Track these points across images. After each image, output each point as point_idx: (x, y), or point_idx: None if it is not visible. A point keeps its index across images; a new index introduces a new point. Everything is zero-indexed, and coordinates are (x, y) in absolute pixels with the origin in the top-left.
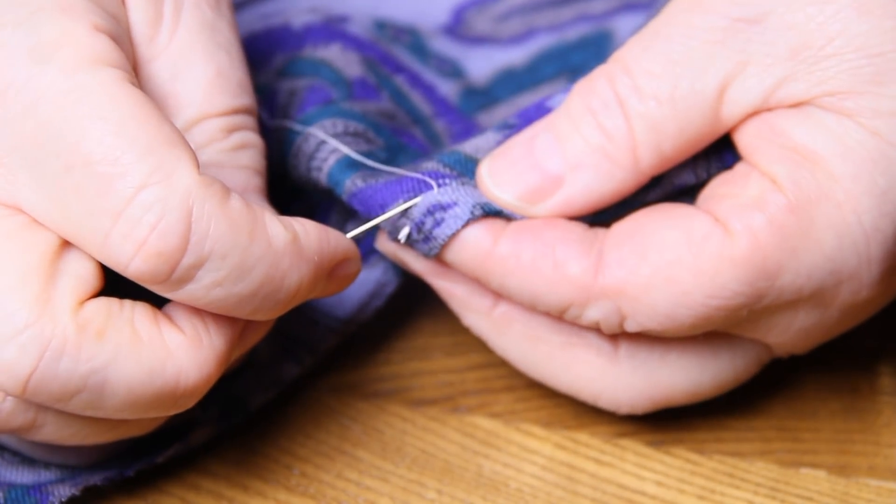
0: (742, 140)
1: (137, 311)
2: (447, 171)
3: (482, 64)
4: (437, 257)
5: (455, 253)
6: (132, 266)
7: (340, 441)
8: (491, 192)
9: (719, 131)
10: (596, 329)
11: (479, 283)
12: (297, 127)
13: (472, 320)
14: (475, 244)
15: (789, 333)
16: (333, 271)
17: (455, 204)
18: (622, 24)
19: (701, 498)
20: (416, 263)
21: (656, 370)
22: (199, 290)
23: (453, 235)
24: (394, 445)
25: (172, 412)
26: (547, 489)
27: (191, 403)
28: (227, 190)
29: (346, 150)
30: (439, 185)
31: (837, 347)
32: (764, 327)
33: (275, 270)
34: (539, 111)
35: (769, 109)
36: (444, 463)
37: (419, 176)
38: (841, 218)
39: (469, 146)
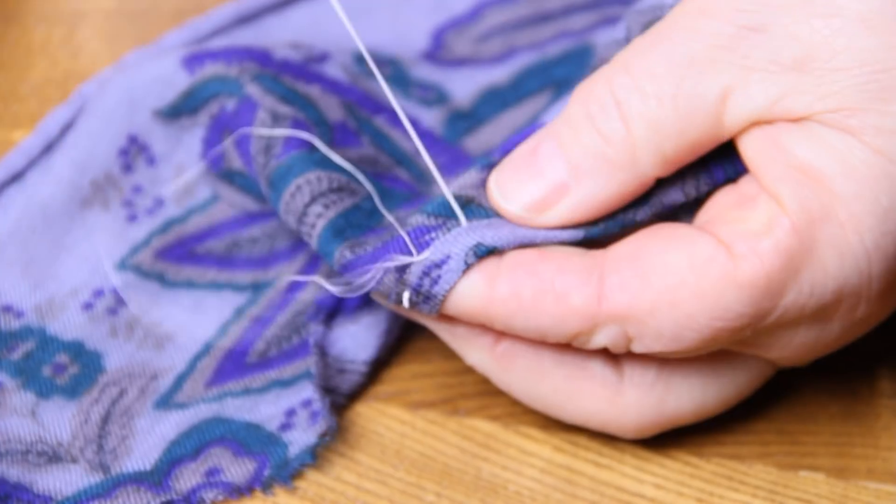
0: (746, 153)
1: None
2: (432, 221)
3: (465, 84)
4: (440, 312)
5: (455, 306)
6: None
7: (339, 444)
8: (499, 205)
9: (721, 137)
10: (601, 358)
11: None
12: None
13: (475, 359)
14: (473, 293)
15: (790, 349)
16: None
17: (448, 258)
18: (603, 38)
19: (700, 501)
20: (415, 314)
21: (661, 396)
22: None
23: (450, 290)
24: (393, 448)
25: None
26: (546, 492)
27: None
28: None
29: (332, 214)
30: (427, 244)
31: (836, 351)
32: (766, 344)
33: None
34: (532, 130)
35: (771, 122)
36: (443, 466)
37: (404, 235)
38: (843, 238)
39: (454, 185)
